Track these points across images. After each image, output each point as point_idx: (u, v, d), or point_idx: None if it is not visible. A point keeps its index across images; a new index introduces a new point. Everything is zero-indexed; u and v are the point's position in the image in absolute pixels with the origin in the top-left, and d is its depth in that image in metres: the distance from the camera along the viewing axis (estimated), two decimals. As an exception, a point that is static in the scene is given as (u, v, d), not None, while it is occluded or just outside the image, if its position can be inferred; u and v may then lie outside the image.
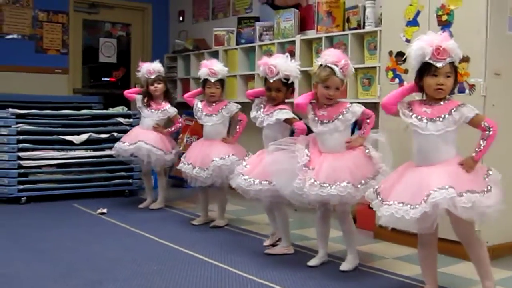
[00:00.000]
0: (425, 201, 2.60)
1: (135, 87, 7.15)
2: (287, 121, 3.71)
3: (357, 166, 3.26)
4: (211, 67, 4.55)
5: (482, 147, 2.73)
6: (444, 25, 3.80)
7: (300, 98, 3.54)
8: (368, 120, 3.39)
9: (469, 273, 3.27)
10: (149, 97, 5.30)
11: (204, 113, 4.58)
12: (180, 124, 5.40)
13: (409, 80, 3.98)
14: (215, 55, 6.69)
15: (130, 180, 6.04)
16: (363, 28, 5.05)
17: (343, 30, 5.27)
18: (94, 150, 5.86)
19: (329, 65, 3.33)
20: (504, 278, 3.32)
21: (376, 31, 4.83)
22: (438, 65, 2.74)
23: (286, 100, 3.85)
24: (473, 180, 2.69)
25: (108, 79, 8.23)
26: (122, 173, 5.99)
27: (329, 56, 3.37)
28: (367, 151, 3.31)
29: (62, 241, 4.07)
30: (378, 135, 3.42)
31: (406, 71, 4.07)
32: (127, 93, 5.56)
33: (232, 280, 3.23)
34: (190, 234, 4.36)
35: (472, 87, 3.65)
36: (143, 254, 3.73)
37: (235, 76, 6.38)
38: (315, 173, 3.26)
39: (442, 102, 2.81)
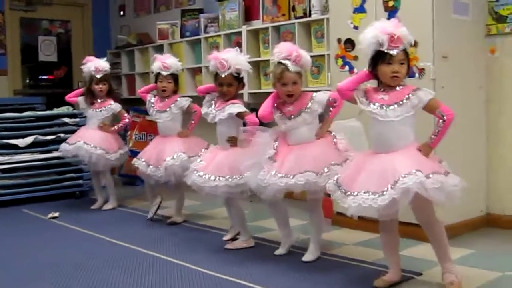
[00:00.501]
0: (392, 187, 2.61)
1: (78, 87, 7.02)
2: (239, 115, 3.68)
3: (321, 153, 3.23)
4: (163, 61, 4.49)
5: (438, 134, 2.75)
6: (391, 10, 3.84)
7: (261, 110, 3.42)
8: (334, 104, 3.32)
9: (429, 255, 3.31)
10: (92, 96, 5.16)
11: (156, 109, 4.51)
12: (127, 120, 5.27)
13: (359, 67, 4.04)
14: (159, 49, 6.60)
15: (80, 181, 5.89)
16: (310, 16, 5.06)
17: (289, 19, 5.27)
18: (41, 152, 5.68)
19: (282, 61, 3.30)
20: (462, 257, 3.41)
21: (322, 19, 4.84)
22: (393, 52, 2.74)
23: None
24: (434, 164, 2.73)
25: (46, 77, 7.96)
26: (72, 175, 5.83)
27: (280, 52, 3.32)
28: (334, 139, 3.28)
29: (16, 248, 3.93)
30: (353, 121, 3.34)
31: (355, 58, 4.10)
32: (68, 98, 5.37)
33: (198, 278, 3.18)
34: (148, 233, 4.29)
35: (421, 71, 3.71)
36: (102, 258, 3.63)
37: (181, 70, 6.26)
38: (278, 165, 3.25)
39: (397, 88, 2.83)
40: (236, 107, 3.67)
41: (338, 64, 4.21)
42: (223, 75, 3.67)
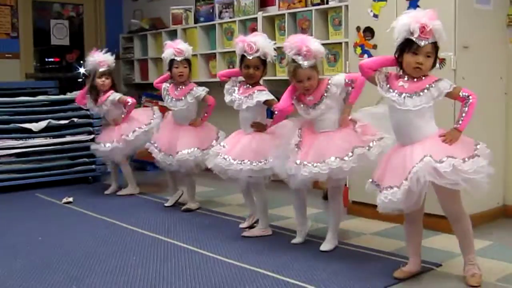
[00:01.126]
0: (406, 178, 2.62)
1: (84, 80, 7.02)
2: (267, 102, 3.67)
3: (344, 139, 3.21)
4: (176, 47, 4.45)
5: (464, 116, 2.74)
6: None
7: (281, 104, 3.42)
8: (353, 85, 3.27)
9: (448, 246, 3.34)
10: (95, 91, 5.12)
11: (170, 97, 4.49)
12: (130, 102, 5.09)
13: (378, 55, 4.00)
14: (173, 34, 6.57)
15: (93, 166, 5.90)
16: (327, 3, 5.01)
17: (306, 5, 5.23)
18: (54, 137, 5.70)
19: (293, 57, 3.26)
20: (481, 248, 3.38)
21: (340, 7, 4.81)
22: (421, 43, 2.71)
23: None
24: (456, 148, 2.70)
25: (52, 59, 7.92)
26: (85, 159, 5.84)
27: (290, 48, 3.27)
28: (356, 126, 3.23)
29: (32, 235, 3.92)
30: (377, 107, 3.27)
31: (375, 47, 4.07)
32: (78, 102, 5.36)
33: (215, 266, 3.19)
34: (163, 220, 4.28)
35: (442, 61, 3.67)
36: (119, 245, 3.64)
37: (195, 55, 6.24)
38: (303, 154, 3.25)
39: (419, 78, 2.79)
40: (264, 94, 3.66)
41: (357, 53, 4.18)
42: (250, 57, 3.65)
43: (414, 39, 2.71)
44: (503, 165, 4.09)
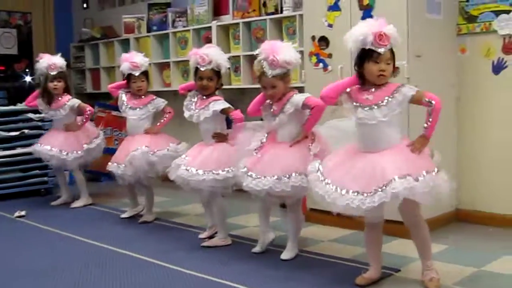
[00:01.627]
0: (382, 190, 2.62)
1: (38, 85, 6.86)
2: (223, 111, 3.67)
3: (292, 160, 3.21)
4: (132, 61, 4.40)
5: (430, 123, 2.78)
6: (366, 9, 3.87)
7: (250, 107, 3.47)
8: (310, 112, 3.27)
9: (405, 251, 3.40)
10: (48, 95, 5.02)
11: (128, 106, 4.44)
12: (89, 111, 5.05)
13: (333, 64, 4.07)
14: (125, 43, 6.51)
15: (46, 178, 5.77)
16: (281, 12, 5.05)
17: (260, 15, 5.26)
18: (5, 149, 5.54)
19: (262, 61, 3.27)
20: (437, 252, 3.45)
21: (294, 16, 4.85)
22: (380, 51, 2.74)
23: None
24: (423, 161, 2.75)
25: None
26: (37, 171, 5.70)
27: (260, 52, 3.29)
28: (309, 144, 3.25)
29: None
30: (345, 119, 3.14)
31: (330, 56, 4.12)
32: (28, 103, 5.26)
33: (176, 278, 3.16)
34: (121, 232, 4.23)
35: (396, 69, 3.73)
36: (77, 259, 3.56)
37: (149, 64, 6.18)
38: (254, 161, 3.27)
39: (381, 87, 2.82)
40: (220, 103, 3.67)
41: (312, 62, 4.23)
42: (203, 69, 3.66)
43: (373, 48, 2.74)
44: (456, 169, 4.19)
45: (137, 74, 4.40)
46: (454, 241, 3.73)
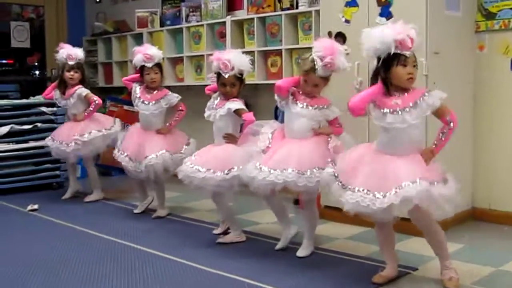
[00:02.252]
0: (395, 193, 2.61)
1: (51, 74, 6.88)
2: (237, 112, 3.64)
3: (308, 153, 3.20)
4: (145, 53, 4.38)
5: (442, 140, 2.78)
6: (384, 5, 3.84)
7: (281, 81, 3.45)
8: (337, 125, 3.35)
9: (423, 249, 3.34)
10: (64, 85, 5.04)
11: (141, 100, 4.42)
12: (97, 101, 4.99)
13: (350, 60, 4.01)
14: (139, 37, 6.48)
15: (57, 172, 5.76)
16: (297, 8, 5.02)
17: (275, 10, 5.22)
18: (17, 142, 5.53)
19: (315, 57, 3.22)
20: (453, 252, 3.43)
21: (310, 11, 4.81)
22: (407, 54, 2.72)
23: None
24: (435, 172, 2.74)
25: (5, 61, 7.63)
26: (49, 165, 5.69)
27: (319, 48, 3.23)
28: (330, 140, 3.25)
29: (-2, 244, 3.80)
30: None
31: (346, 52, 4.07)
32: (45, 95, 5.26)
33: (190, 273, 3.15)
34: (134, 227, 4.21)
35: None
36: (90, 253, 3.56)
37: (161, 59, 6.18)
38: (266, 158, 3.24)
39: (408, 91, 2.79)
40: (236, 104, 3.64)
41: (328, 58, 4.18)
42: (226, 76, 3.62)
43: (400, 52, 2.71)
44: (472, 168, 4.16)
45: (150, 65, 4.37)
46: (470, 240, 3.71)
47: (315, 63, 3.21)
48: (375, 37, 2.75)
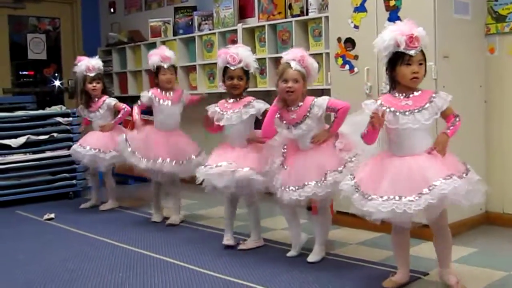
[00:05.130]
0: (429, 192, 2.58)
1: (68, 85, 7.00)
2: (264, 113, 3.63)
3: (323, 162, 3.24)
4: (162, 53, 4.47)
5: (452, 127, 2.79)
6: (392, 10, 3.84)
7: (263, 130, 3.47)
8: (336, 114, 3.32)
9: (433, 254, 3.31)
10: (88, 97, 5.10)
11: (162, 101, 4.49)
12: (125, 108, 5.07)
13: (360, 66, 4.04)
14: (152, 47, 6.49)
15: (74, 181, 5.83)
16: (307, 14, 5.04)
17: (286, 17, 5.25)
18: (34, 153, 5.62)
19: (287, 60, 3.36)
20: (465, 256, 3.43)
21: (320, 18, 4.83)
22: (412, 53, 2.72)
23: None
24: (456, 163, 2.76)
25: (26, 72, 7.80)
26: (65, 175, 5.77)
27: (288, 54, 3.39)
28: (336, 143, 3.28)
29: (13, 254, 3.85)
30: (360, 113, 3.11)
31: (356, 57, 4.09)
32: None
33: (204, 281, 3.17)
34: (149, 235, 4.24)
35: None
36: (104, 261, 3.60)
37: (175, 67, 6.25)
38: (286, 175, 3.31)
39: (415, 93, 2.80)
40: (261, 103, 3.69)
41: (338, 63, 4.21)
42: (233, 68, 3.67)
43: (404, 51, 2.72)
44: (485, 171, 4.13)
45: (166, 66, 4.44)
46: (483, 244, 3.69)
47: (288, 62, 3.32)
48: (382, 37, 2.78)
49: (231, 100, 3.76)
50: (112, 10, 7.72)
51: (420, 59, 2.76)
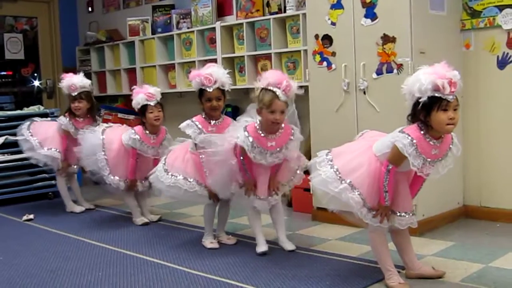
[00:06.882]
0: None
1: (46, 85, 6.90)
2: None
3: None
4: (146, 92, 4.28)
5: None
6: (369, 6, 3.87)
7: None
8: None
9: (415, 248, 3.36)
10: (73, 115, 4.93)
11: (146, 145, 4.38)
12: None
13: (337, 63, 4.06)
14: (131, 45, 6.53)
15: (53, 181, 5.75)
16: (285, 12, 5.05)
17: (264, 14, 5.26)
18: (12, 153, 5.56)
19: (271, 88, 3.25)
20: (444, 249, 3.46)
21: (298, 15, 4.85)
22: (450, 98, 2.58)
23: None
24: None
25: (4, 72, 7.66)
26: (45, 175, 5.72)
27: (270, 78, 3.27)
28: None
29: (-8, 254, 3.83)
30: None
31: (333, 54, 4.11)
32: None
33: (184, 278, 3.16)
34: (128, 234, 4.23)
35: (400, 66, 3.74)
36: (84, 261, 3.58)
37: (154, 66, 6.25)
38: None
39: (443, 139, 2.72)
40: (241, 127, 3.44)
41: (316, 60, 4.22)
42: (210, 90, 3.61)
43: (442, 96, 2.57)
44: (462, 165, 4.18)
45: (153, 104, 4.28)
46: (461, 237, 3.72)
47: (274, 91, 3.24)
48: (416, 80, 2.63)
49: (213, 122, 3.70)
50: (90, 9, 7.65)
51: (456, 104, 2.61)
